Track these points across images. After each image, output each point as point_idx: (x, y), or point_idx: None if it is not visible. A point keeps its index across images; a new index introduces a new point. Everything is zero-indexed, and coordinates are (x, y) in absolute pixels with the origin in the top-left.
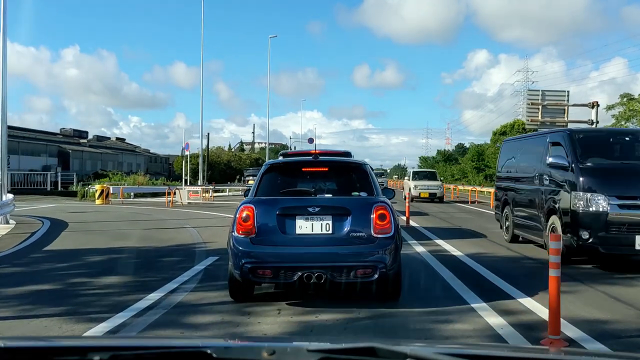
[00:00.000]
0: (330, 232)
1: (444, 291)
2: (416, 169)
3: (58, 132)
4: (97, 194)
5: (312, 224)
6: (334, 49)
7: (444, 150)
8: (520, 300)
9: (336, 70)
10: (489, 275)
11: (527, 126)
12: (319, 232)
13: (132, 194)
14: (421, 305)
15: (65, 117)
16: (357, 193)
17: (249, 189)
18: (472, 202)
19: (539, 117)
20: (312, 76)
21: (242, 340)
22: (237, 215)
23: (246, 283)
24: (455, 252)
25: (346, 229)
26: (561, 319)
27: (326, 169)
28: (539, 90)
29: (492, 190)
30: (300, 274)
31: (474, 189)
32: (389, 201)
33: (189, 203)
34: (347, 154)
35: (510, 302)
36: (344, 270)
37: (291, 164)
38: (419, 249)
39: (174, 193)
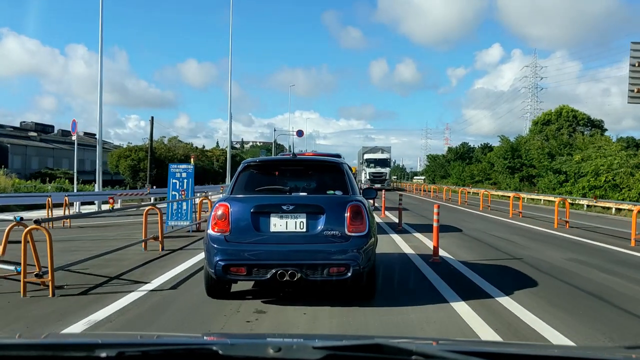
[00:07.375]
0: (304, 230)
1: None
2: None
3: (17, 125)
4: None
5: (287, 221)
6: (348, 47)
7: (456, 147)
8: None
9: (345, 69)
10: None
11: (629, 99)
12: (293, 229)
13: None
14: None
15: (65, 115)
16: (332, 191)
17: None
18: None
19: None
20: (311, 76)
21: (247, 337)
22: (212, 213)
23: (221, 281)
24: None
25: (320, 227)
26: None
27: (302, 168)
28: None
29: (555, 199)
30: (273, 271)
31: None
32: (364, 200)
33: None
34: (337, 157)
35: None
36: (318, 268)
37: (268, 163)
38: None
39: None
